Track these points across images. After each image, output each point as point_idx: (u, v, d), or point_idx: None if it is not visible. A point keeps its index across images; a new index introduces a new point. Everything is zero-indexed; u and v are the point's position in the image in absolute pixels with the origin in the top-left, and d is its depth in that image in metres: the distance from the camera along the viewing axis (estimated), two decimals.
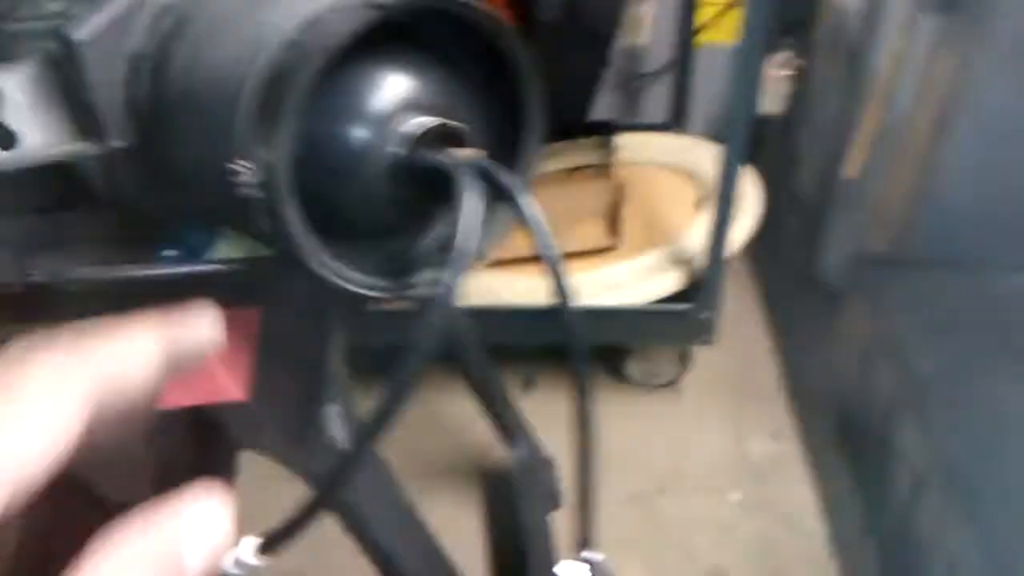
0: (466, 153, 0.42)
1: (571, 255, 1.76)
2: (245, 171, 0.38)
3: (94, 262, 0.57)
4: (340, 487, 0.44)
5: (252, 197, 0.38)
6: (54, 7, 0.59)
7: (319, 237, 0.44)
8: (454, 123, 0.43)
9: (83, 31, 0.51)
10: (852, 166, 1.60)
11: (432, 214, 0.49)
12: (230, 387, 0.54)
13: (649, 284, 1.62)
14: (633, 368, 1.80)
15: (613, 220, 1.79)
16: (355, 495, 0.65)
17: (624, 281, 1.65)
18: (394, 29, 0.44)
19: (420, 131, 0.41)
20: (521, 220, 0.43)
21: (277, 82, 0.38)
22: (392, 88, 0.42)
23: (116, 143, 0.52)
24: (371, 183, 0.42)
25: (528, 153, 0.49)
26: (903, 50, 1.36)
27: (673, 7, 2.08)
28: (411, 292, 0.46)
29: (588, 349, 0.45)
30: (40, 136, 0.52)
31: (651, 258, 1.65)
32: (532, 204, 0.43)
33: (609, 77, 2.24)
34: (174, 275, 0.54)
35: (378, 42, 0.43)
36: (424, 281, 0.47)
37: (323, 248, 0.43)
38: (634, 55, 2.22)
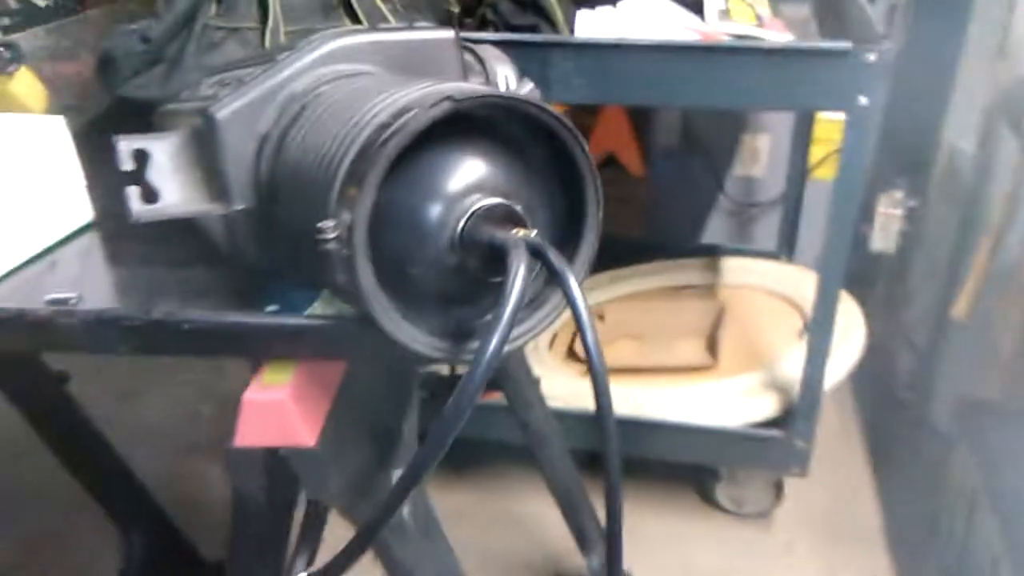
0: (521, 232, 0.48)
1: (668, 370, 1.77)
2: (329, 229, 0.45)
3: (206, 308, 0.64)
4: (375, 535, 0.48)
5: (333, 251, 0.45)
6: (208, 92, 0.70)
7: (391, 296, 0.50)
8: (514, 206, 0.48)
9: (224, 112, 0.60)
10: (963, 308, 1.56)
11: (495, 288, 0.54)
12: (302, 433, 0.59)
13: (743, 406, 1.61)
14: (722, 493, 1.76)
15: (713, 340, 1.79)
16: (408, 555, 0.68)
17: (718, 401, 1.64)
18: (477, 122, 0.50)
19: (483, 209, 0.47)
20: (568, 302, 0.47)
21: (365, 156, 0.44)
22: (465, 171, 0.49)
23: (238, 205, 0.61)
24: (438, 251, 0.48)
25: (584, 244, 0.54)
26: (1016, 193, 1.35)
27: (789, 143, 2.13)
28: (468, 357, 0.51)
29: (619, 457, 0.48)
30: (177, 195, 0.62)
31: (747, 380, 1.64)
32: (578, 288, 0.47)
33: (722, 203, 2.29)
34: (273, 326, 0.61)
35: (460, 131, 0.49)
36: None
37: (393, 306, 0.48)
38: (748, 184, 2.27)
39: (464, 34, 0.78)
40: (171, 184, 0.61)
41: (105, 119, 0.90)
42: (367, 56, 0.62)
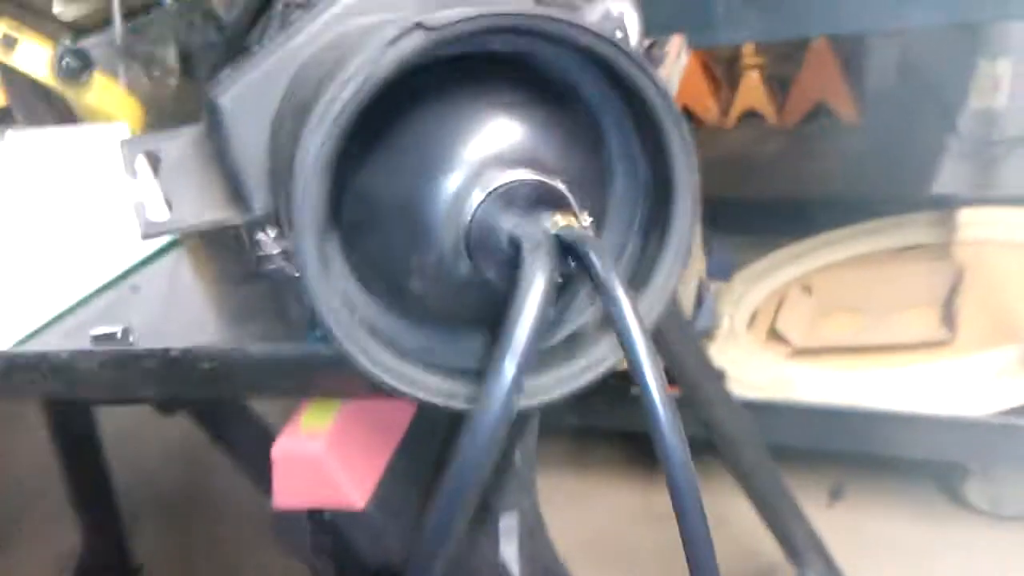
0: (561, 221, 0.32)
1: (895, 348, 1.50)
2: (269, 242, 0.31)
3: (255, 336, 0.53)
4: None
5: (273, 273, 0.31)
6: None
7: (395, 321, 0.35)
8: (552, 182, 0.32)
9: (228, 95, 0.48)
10: None
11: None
12: (348, 491, 0.46)
13: (993, 390, 1.32)
14: (975, 492, 1.47)
15: (949, 309, 1.50)
16: None
17: (961, 384, 1.36)
18: (512, 65, 0.35)
19: (502, 189, 0.32)
20: (615, 329, 0.31)
21: (295, 121, 0.31)
22: (479, 134, 0.33)
23: (257, 210, 0.49)
24: (441, 255, 0.33)
25: (672, 239, 0.36)
26: None
27: None
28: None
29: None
30: (190, 204, 0.51)
31: (996, 357, 1.35)
32: (631, 308, 0.30)
33: (955, 144, 1.93)
34: (304, 356, 0.48)
35: (487, 78, 0.34)
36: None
37: (382, 338, 0.34)
38: (987, 119, 1.90)
39: None
40: (183, 191, 0.50)
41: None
42: (401, 3, 0.48)
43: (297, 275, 0.31)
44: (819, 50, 2.51)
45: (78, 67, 0.74)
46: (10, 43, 0.73)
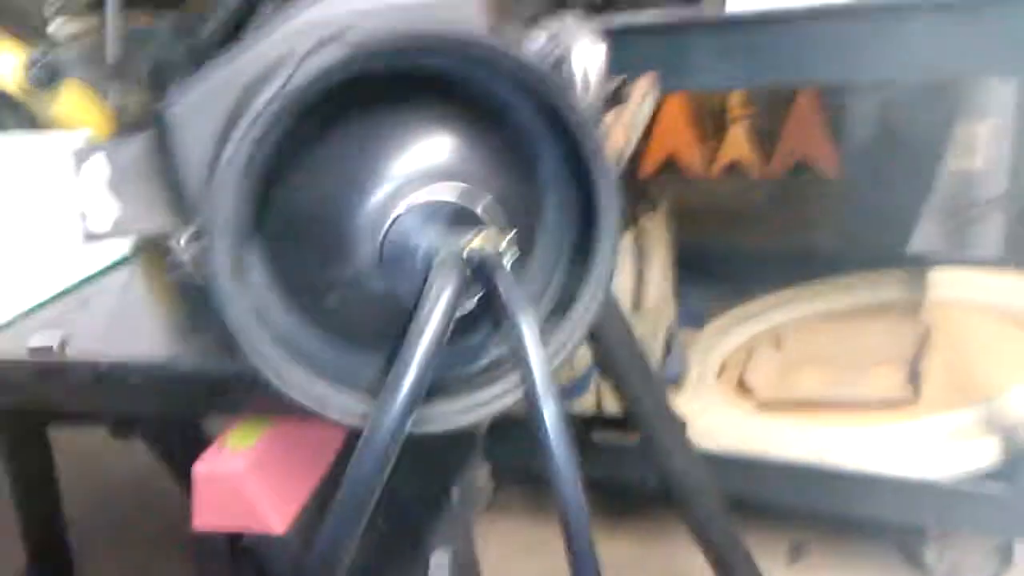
0: (479, 239, 0.31)
1: (860, 405, 1.50)
2: (182, 246, 0.31)
3: (197, 352, 0.52)
4: None
5: (183, 277, 0.31)
6: None
7: (317, 337, 0.35)
8: (465, 204, 0.32)
9: (177, 107, 0.48)
10: None
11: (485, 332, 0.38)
12: (269, 517, 0.45)
13: (955, 452, 1.31)
14: (933, 557, 1.45)
15: (916, 368, 1.50)
16: None
17: (922, 445, 1.36)
18: (454, 86, 0.35)
19: (418, 204, 0.31)
20: (512, 340, 0.30)
21: (222, 137, 0.30)
22: (402, 149, 0.33)
23: (199, 221, 0.48)
24: (357, 268, 0.32)
25: (596, 263, 0.36)
26: None
27: (1014, 127, 1.77)
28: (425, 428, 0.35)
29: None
30: (133, 210, 0.50)
31: (960, 419, 1.34)
32: (534, 337, 0.30)
33: (933, 204, 1.95)
34: (229, 371, 0.48)
35: (427, 97, 0.34)
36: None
37: (293, 352, 0.34)
38: (964, 181, 1.92)
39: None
40: (129, 197, 0.50)
41: None
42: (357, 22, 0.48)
43: (204, 283, 0.30)
44: (803, 105, 2.54)
45: (46, 76, 0.73)
46: None
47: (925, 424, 1.37)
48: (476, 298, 0.33)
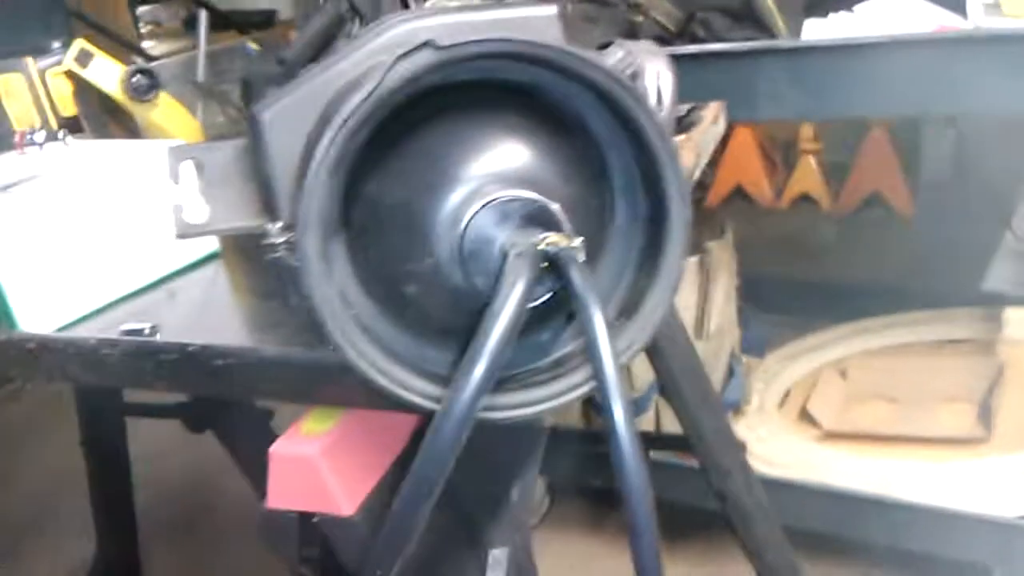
0: (550, 238, 0.33)
1: (929, 441, 1.47)
2: (276, 231, 0.33)
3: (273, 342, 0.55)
4: None
5: (281, 260, 0.33)
6: None
7: (394, 326, 0.37)
8: (547, 203, 0.34)
9: (270, 111, 0.51)
10: None
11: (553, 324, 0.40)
12: (337, 497, 0.48)
13: None
14: None
15: (987, 407, 1.46)
16: None
17: (993, 483, 1.32)
18: (530, 94, 0.37)
19: (496, 204, 0.34)
20: (583, 329, 0.32)
21: (313, 131, 0.33)
22: (480, 153, 0.35)
23: (285, 219, 0.51)
24: (436, 262, 0.35)
25: (665, 265, 0.38)
26: None
27: None
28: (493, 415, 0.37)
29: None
30: (224, 210, 0.54)
31: None
32: (602, 323, 0.31)
33: (1009, 243, 1.91)
34: (308, 362, 0.50)
35: (502, 103, 0.36)
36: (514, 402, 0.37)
37: (375, 337, 0.36)
38: None
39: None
40: (220, 197, 0.53)
41: None
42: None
43: (297, 264, 0.33)
44: (876, 140, 2.52)
45: (146, 85, 0.78)
46: (85, 58, 0.79)
47: (996, 463, 1.34)
48: (547, 293, 0.35)
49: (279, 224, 0.33)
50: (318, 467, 0.47)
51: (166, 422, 1.38)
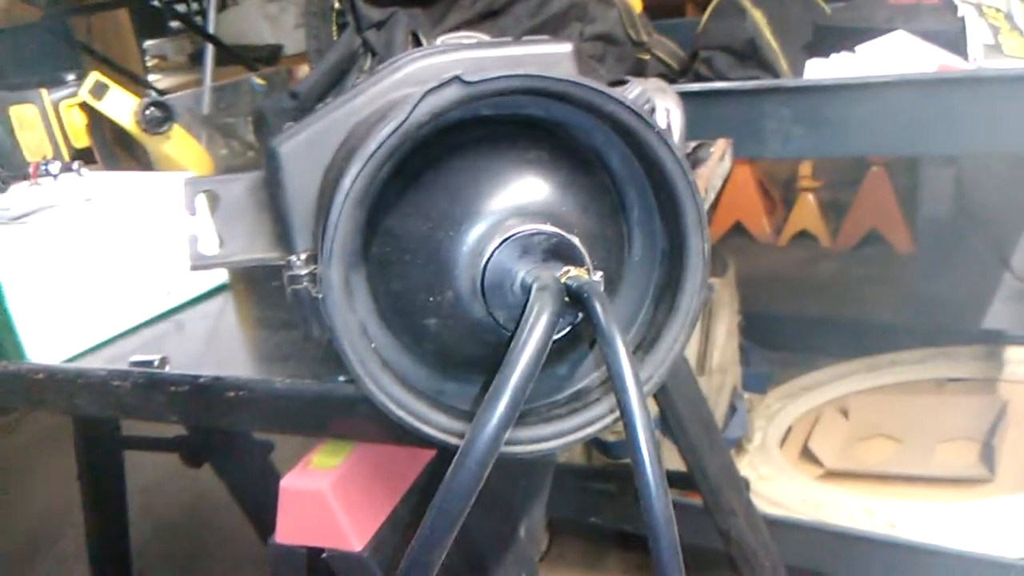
0: (571, 272, 0.33)
1: (931, 481, 1.46)
2: (300, 263, 0.33)
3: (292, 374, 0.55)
4: None
5: (301, 292, 0.33)
6: None
7: (415, 360, 0.37)
8: (568, 236, 0.34)
9: (288, 144, 0.52)
10: None
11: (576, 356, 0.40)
12: (346, 532, 0.47)
13: None
14: None
15: (990, 446, 1.46)
16: None
17: (997, 524, 1.31)
18: (548, 130, 0.38)
19: (518, 237, 0.34)
20: (606, 361, 0.32)
21: (335, 165, 0.33)
22: (502, 187, 0.35)
23: (301, 251, 0.52)
24: (456, 296, 0.35)
25: (683, 299, 0.38)
26: None
27: None
28: (510, 449, 0.37)
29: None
30: (239, 242, 0.54)
31: None
32: (626, 356, 0.31)
33: (1008, 283, 1.91)
34: (319, 395, 0.50)
35: (517, 138, 0.37)
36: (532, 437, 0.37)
37: (395, 371, 0.36)
38: None
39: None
40: (235, 229, 0.53)
41: None
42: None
43: (319, 295, 0.33)
44: (876, 177, 2.54)
45: (160, 118, 0.79)
46: (100, 90, 0.79)
47: (1000, 503, 1.33)
48: (568, 327, 0.35)
49: (303, 256, 0.33)
50: (328, 502, 0.47)
51: (164, 455, 1.38)
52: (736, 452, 1.56)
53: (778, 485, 1.46)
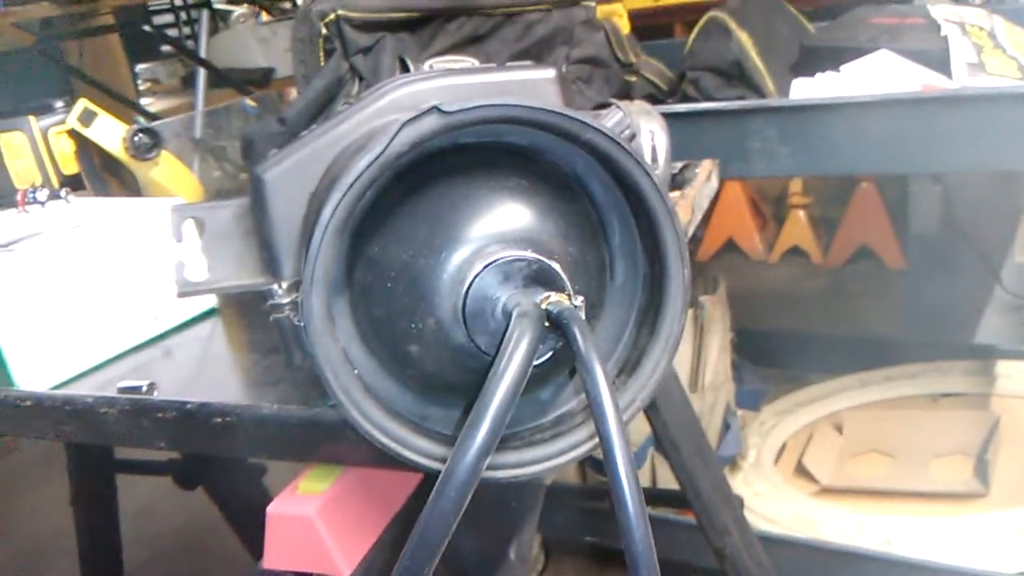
0: (552, 297, 0.34)
1: (925, 496, 1.46)
2: (282, 293, 0.34)
3: (271, 400, 0.55)
4: None
5: (283, 321, 0.34)
6: None
7: (399, 386, 0.38)
8: (548, 262, 0.35)
9: (273, 171, 0.52)
10: None
11: (557, 382, 0.40)
12: (336, 560, 0.47)
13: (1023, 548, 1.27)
14: None
15: (983, 461, 1.46)
16: None
17: (991, 539, 1.32)
18: (529, 157, 0.38)
19: (499, 264, 0.34)
20: (584, 387, 0.32)
21: (317, 196, 0.34)
22: (482, 214, 0.36)
23: (286, 278, 0.52)
24: (438, 322, 0.35)
25: (663, 325, 0.38)
26: None
27: None
28: (493, 474, 0.37)
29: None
30: (225, 268, 0.54)
31: None
32: (605, 383, 0.32)
33: (999, 297, 1.92)
34: (306, 420, 0.50)
35: (499, 164, 0.37)
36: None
37: (378, 397, 0.36)
38: None
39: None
40: (222, 256, 0.53)
41: None
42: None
43: (301, 324, 0.33)
44: (865, 194, 2.55)
45: (148, 144, 0.79)
46: (89, 118, 0.80)
47: (995, 518, 1.33)
48: (549, 352, 0.35)
49: (284, 284, 0.34)
50: (315, 527, 0.47)
51: (157, 478, 1.37)
52: (730, 470, 1.56)
53: (773, 502, 1.45)
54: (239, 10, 2.98)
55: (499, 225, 0.36)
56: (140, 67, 1.85)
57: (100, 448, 1.28)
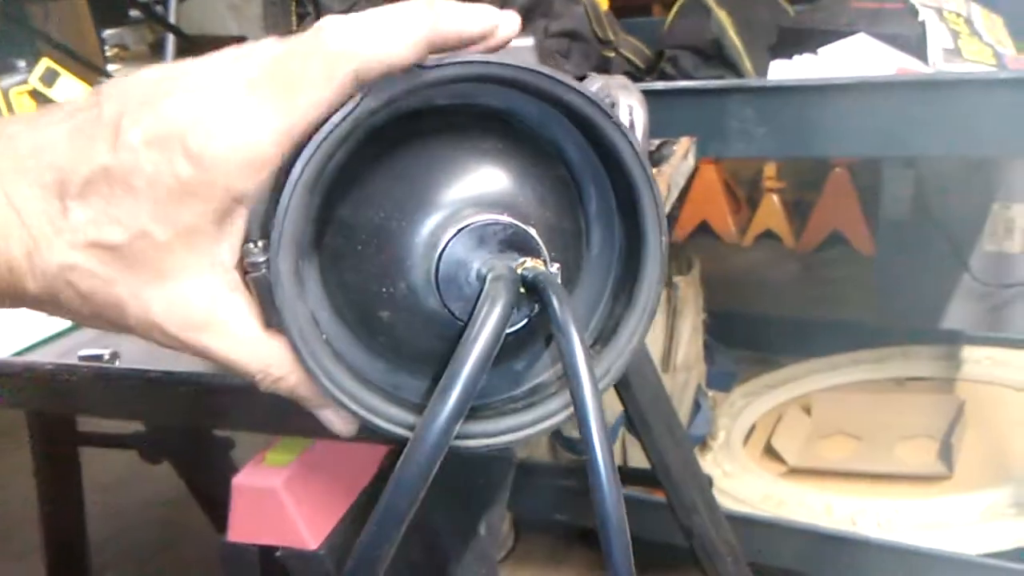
0: (527, 263, 0.33)
1: (890, 478, 1.48)
2: (256, 251, 0.33)
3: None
4: None
5: (259, 279, 0.33)
6: None
7: (371, 354, 0.37)
8: (524, 227, 0.34)
9: None
10: None
11: (532, 350, 0.39)
12: (301, 531, 0.46)
13: (985, 530, 1.29)
14: None
15: (948, 444, 1.48)
16: None
17: (954, 521, 1.34)
18: (507, 122, 0.37)
19: (472, 228, 0.33)
20: (560, 352, 0.31)
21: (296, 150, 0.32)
22: (456, 177, 0.35)
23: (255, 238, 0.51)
24: (410, 288, 0.34)
25: (642, 289, 0.38)
26: None
27: None
28: (468, 444, 0.36)
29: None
30: None
31: (990, 498, 1.32)
32: (582, 348, 0.31)
33: (968, 284, 1.94)
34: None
35: (478, 130, 0.36)
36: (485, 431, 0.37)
37: (347, 362, 0.35)
38: (1000, 263, 1.91)
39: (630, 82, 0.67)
40: None
41: None
42: None
43: (268, 281, 0.32)
44: (838, 179, 2.56)
45: None
46: (51, 78, 0.77)
47: (958, 500, 1.35)
48: (525, 319, 0.34)
49: (260, 243, 0.32)
50: (281, 499, 0.46)
51: (124, 452, 1.35)
52: (700, 449, 1.57)
53: (741, 482, 1.47)
54: None
55: (474, 188, 0.35)
56: (107, 32, 1.80)
57: (63, 420, 1.25)
